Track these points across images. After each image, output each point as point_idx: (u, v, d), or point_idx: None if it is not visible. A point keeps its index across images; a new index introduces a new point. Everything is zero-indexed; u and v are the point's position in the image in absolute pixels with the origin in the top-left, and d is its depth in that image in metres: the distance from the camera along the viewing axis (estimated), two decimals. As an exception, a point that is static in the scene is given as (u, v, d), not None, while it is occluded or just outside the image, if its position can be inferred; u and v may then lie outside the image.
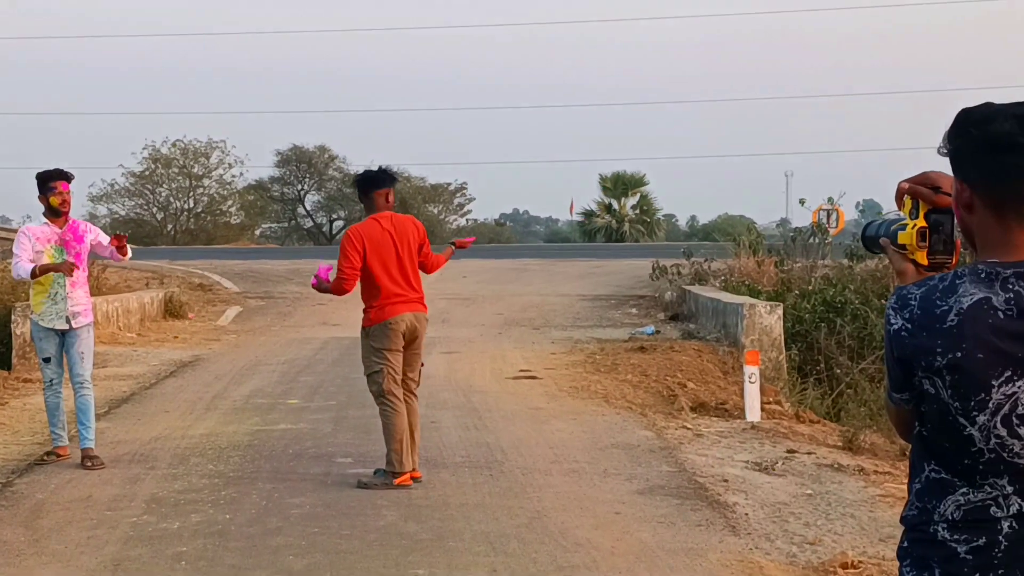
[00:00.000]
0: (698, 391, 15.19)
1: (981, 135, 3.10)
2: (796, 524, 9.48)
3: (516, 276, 30.72)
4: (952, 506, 3.15)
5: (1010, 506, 3.10)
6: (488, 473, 10.93)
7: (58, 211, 11.23)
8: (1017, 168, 3.07)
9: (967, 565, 3.12)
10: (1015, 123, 3.07)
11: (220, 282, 29.36)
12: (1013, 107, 3.10)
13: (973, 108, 3.16)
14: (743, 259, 24.59)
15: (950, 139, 3.17)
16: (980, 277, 3.09)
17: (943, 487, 3.17)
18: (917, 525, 3.24)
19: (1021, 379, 3.04)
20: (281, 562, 8.25)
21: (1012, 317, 3.04)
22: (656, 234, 63.74)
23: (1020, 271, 3.06)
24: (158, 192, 66.41)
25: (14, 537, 8.94)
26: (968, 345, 3.04)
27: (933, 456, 3.20)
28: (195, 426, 13.16)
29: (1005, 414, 3.06)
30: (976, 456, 3.10)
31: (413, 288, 10.41)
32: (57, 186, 11.20)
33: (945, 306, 3.08)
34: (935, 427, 3.17)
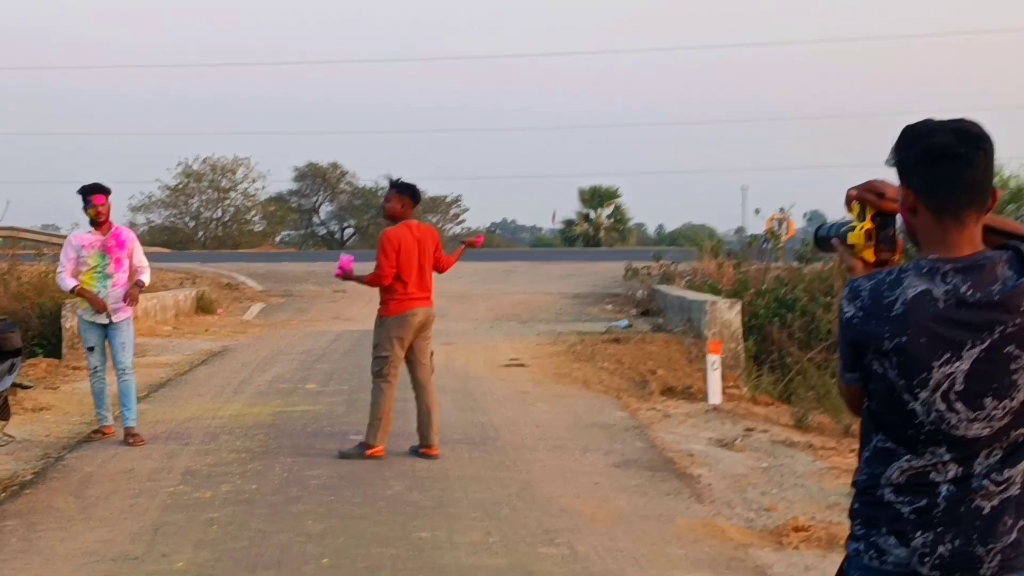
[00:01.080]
0: (667, 377, 15.15)
1: (923, 147, 3.10)
2: (754, 493, 9.47)
3: (505, 277, 30.65)
4: (897, 471, 3.15)
5: (948, 472, 3.11)
6: (483, 449, 10.89)
7: (95, 221, 11.19)
8: (954, 176, 3.07)
9: (910, 523, 3.12)
10: (952, 136, 3.07)
11: (245, 282, 29.24)
12: (950, 123, 3.10)
13: (915, 123, 3.16)
14: (706, 262, 24.54)
15: (896, 151, 3.18)
16: (923, 272, 3.09)
17: (889, 455, 3.17)
18: (866, 489, 3.24)
19: (958, 360, 3.05)
20: (301, 526, 8.21)
21: (951, 306, 3.04)
22: (628, 240, 63.60)
23: (957, 267, 3.07)
24: (190, 203, 66.19)
25: (65, 505, 8.90)
26: (912, 331, 3.05)
27: (880, 428, 3.20)
28: (224, 408, 13.10)
29: (944, 391, 3.06)
30: (918, 428, 3.11)
31: (427, 288, 10.46)
32: (92, 199, 11.16)
33: (892, 297, 3.08)
34: (882, 402, 3.17)
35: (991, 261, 3.08)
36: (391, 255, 10.27)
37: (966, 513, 3.09)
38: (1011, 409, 3.08)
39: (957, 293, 3.04)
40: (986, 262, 3.07)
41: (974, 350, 3.04)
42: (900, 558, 3.14)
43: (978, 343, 3.04)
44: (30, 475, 9.90)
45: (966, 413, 3.07)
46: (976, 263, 3.07)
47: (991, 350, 3.04)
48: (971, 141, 3.07)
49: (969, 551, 3.10)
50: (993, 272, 3.06)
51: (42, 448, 10.98)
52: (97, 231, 11.21)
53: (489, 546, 7.76)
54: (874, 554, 3.18)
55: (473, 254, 34.64)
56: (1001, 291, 3.04)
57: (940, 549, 3.10)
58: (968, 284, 3.05)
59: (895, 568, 3.15)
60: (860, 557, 3.22)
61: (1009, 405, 3.07)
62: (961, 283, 3.05)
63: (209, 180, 65.47)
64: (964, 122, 3.11)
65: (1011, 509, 3.11)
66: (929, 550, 3.10)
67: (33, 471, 10.05)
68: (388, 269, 10.26)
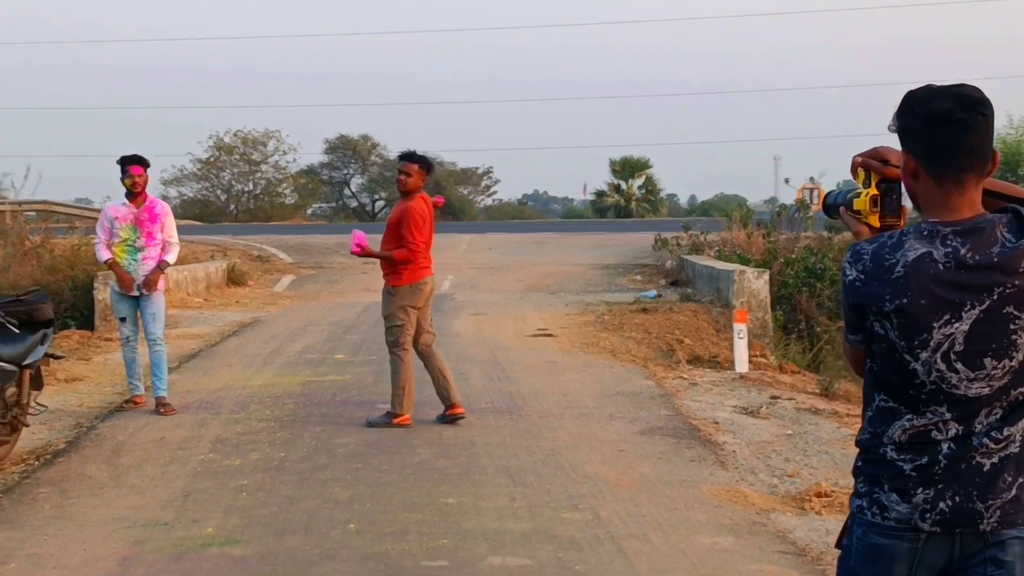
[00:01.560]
0: (694, 346, 15.21)
1: (924, 112, 3.16)
2: (777, 460, 9.54)
3: (536, 248, 30.70)
4: (899, 430, 3.22)
5: (948, 430, 3.18)
6: (509, 417, 11.00)
7: (131, 191, 11.32)
8: (954, 141, 3.13)
9: (911, 480, 3.20)
10: (952, 101, 3.14)
11: (276, 254, 29.39)
12: (950, 88, 3.16)
13: (917, 89, 3.22)
14: (735, 231, 24.55)
15: (898, 117, 3.24)
16: (923, 235, 3.16)
17: (891, 414, 3.25)
18: (869, 447, 3.32)
19: (958, 321, 3.12)
20: (329, 493, 8.34)
21: (950, 269, 3.11)
22: (659, 211, 63.40)
23: (957, 229, 3.14)
24: (221, 176, 66.32)
25: (97, 472, 9.05)
26: (913, 293, 3.12)
27: (883, 388, 3.28)
28: (254, 378, 13.24)
29: (944, 351, 3.13)
30: (919, 387, 3.18)
31: (430, 257, 10.62)
32: (130, 170, 11.28)
33: (893, 259, 3.15)
34: (884, 363, 3.25)
35: (991, 224, 3.14)
36: (421, 227, 10.40)
37: (966, 470, 3.17)
38: (1010, 369, 3.15)
39: (957, 255, 3.11)
40: (986, 225, 3.14)
41: (973, 311, 3.11)
42: (902, 514, 3.22)
43: (977, 304, 3.11)
44: (63, 444, 10.06)
45: (966, 373, 3.14)
46: (976, 226, 3.14)
47: (990, 311, 3.11)
48: (971, 106, 3.13)
49: (969, 507, 3.17)
50: (993, 235, 3.13)
51: (75, 418, 11.14)
52: (131, 203, 11.34)
53: (514, 511, 7.87)
54: (877, 510, 3.26)
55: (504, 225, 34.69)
56: (1000, 253, 3.10)
57: (941, 505, 3.18)
58: (968, 247, 3.11)
59: (897, 523, 3.23)
60: (864, 513, 3.30)
61: (1008, 365, 3.14)
62: (961, 246, 3.12)
63: (240, 153, 65.59)
64: (964, 87, 3.17)
65: (1010, 466, 3.19)
66: (930, 506, 3.19)
67: (66, 440, 10.21)
68: (421, 243, 10.40)
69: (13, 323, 9.42)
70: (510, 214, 70.94)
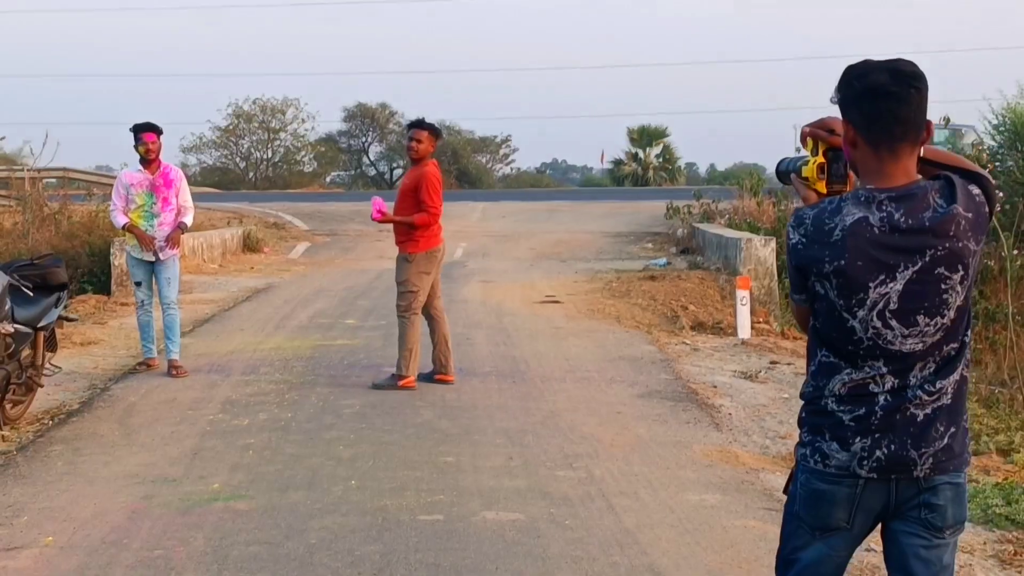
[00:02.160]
0: (698, 313, 15.42)
1: (861, 85, 3.38)
2: (771, 422, 9.76)
3: (549, 216, 30.87)
4: (839, 383, 3.46)
5: (885, 383, 3.41)
6: (511, 380, 11.24)
7: (145, 158, 11.56)
8: (888, 112, 3.35)
9: (850, 430, 3.44)
10: (887, 75, 3.35)
11: (292, 221, 29.63)
12: (887, 63, 3.38)
13: (855, 64, 3.44)
14: (746, 200, 24.72)
15: (838, 89, 3.46)
16: (860, 200, 3.38)
17: (832, 368, 3.49)
18: (812, 399, 3.56)
19: (892, 282, 3.35)
20: (332, 451, 8.60)
21: (885, 232, 3.34)
22: (677, 180, 63.23)
23: (892, 195, 3.36)
24: (240, 144, 66.46)
25: (109, 432, 9.32)
26: (850, 255, 3.35)
27: (824, 344, 3.51)
28: (265, 342, 13.51)
29: (880, 310, 3.36)
30: (857, 343, 3.41)
31: (441, 225, 10.87)
32: (143, 137, 11.52)
33: (832, 224, 3.38)
34: (825, 321, 3.48)
35: (924, 190, 3.36)
36: (440, 192, 10.68)
37: (901, 420, 3.41)
38: (942, 326, 3.38)
39: (891, 220, 3.34)
40: (919, 191, 3.36)
41: (907, 272, 3.34)
42: (841, 461, 3.46)
43: (910, 265, 3.33)
44: (77, 404, 10.33)
45: (900, 330, 3.37)
46: (909, 192, 3.36)
47: (923, 272, 3.34)
48: (904, 79, 3.35)
49: (904, 454, 3.41)
50: (926, 200, 3.35)
51: (89, 379, 11.42)
52: (146, 169, 11.58)
53: (510, 470, 8.12)
54: (819, 458, 3.51)
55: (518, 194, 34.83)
56: (932, 218, 3.33)
57: (877, 453, 3.42)
58: (902, 211, 3.34)
59: (837, 470, 3.47)
60: (807, 461, 3.55)
61: (940, 322, 3.37)
62: (895, 210, 3.34)
63: (259, 121, 65.74)
64: (900, 62, 3.39)
65: (943, 417, 3.42)
66: (867, 454, 3.42)
67: (80, 401, 10.48)
68: (440, 207, 10.67)
69: (28, 286, 9.69)
70: (528, 182, 71.06)
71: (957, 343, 3.43)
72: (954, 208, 3.32)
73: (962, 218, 3.33)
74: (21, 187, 23.57)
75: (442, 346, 10.92)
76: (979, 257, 3.41)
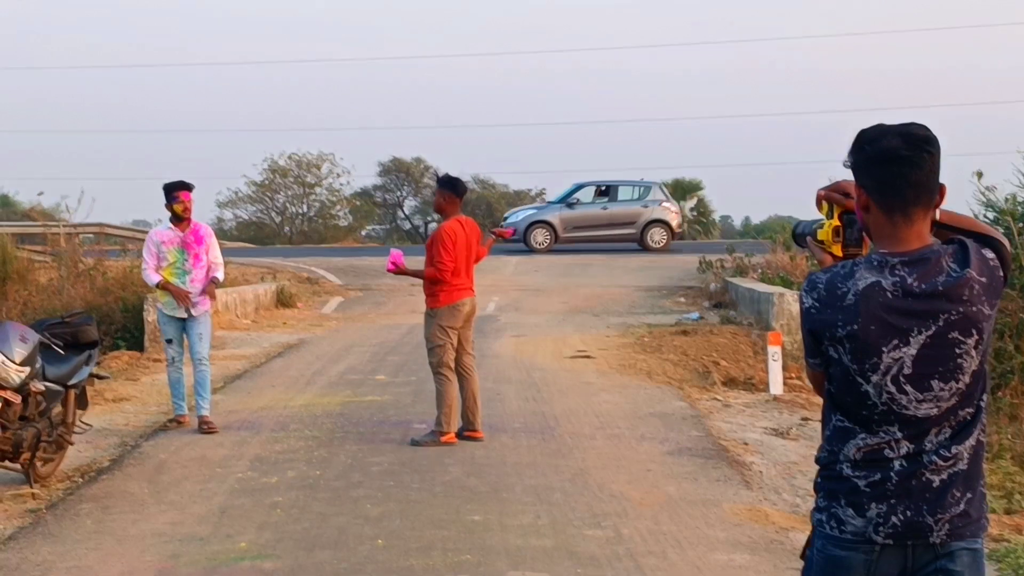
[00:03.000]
0: (730, 368, 15.40)
1: (873, 150, 3.40)
2: (802, 480, 9.71)
3: (582, 270, 30.83)
4: (853, 448, 3.46)
5: (900, 448, 3.41)
6: (541, 437, 11.24)
7: (180, 216, 11.68)
8: (901, 177, 3.37)
9: (865, 496, 3.43)
10: (900, 139, 3.37)
11: (325, 276, 29.72)
12: (899, 127, 3.40)
13: (867, 128, 3.46)
14: (779, 254, 24.70)
15: (850, 154, 3.48)
16: (873, 264, 3.40)
17: (847, 433, 3.48)
18: (827, 464, 3.55)
19: (906, 346, 3.35)
20: (360, 510, 8.61)
21: (898, 296, 3.34)
22: (712, 233, 63.22)
23: (904, 260, 3.37)
24: (276, 199, 66.81)
25: (139, 490, 9.36)
26: (863, 319, 3.35)
27: (839, 408, 3.51)
28: (296, 398, 13.55)
29: (894, 375, 3.37)
30: (872, 408, 3.41)
31: (472, 278, 10.99)
32: (179, 195, 11.65)
33: (845, 288, 3.39)
34: (839, 385, 3.48)
35: (937, 255, 3.37)
36: (451, 249, 10.69)
37: (917, 486, 3.40)
38: (957, 391, 3.38)
39: (904, 284, 3.35)
40: (932, 255, 3.37)
41: (920, 336, 3.34)
42: (857, 527, 3.45)
43: (924, 330, 3.34)
44: (107, 462, 10.40)
45: (915, 395, 3.37)
46: (923, 256, 3.37)
47: (936, 336, 3.34)
48: (917, 144, 3.37)
49: (920, 520, 3.40)
50: (939, 264, 3.36)
51: (120, 436, 11.48)
52: (177, 227, 11.71)
53: (537, 528, 8.11)
54: (834, 524, 3.50)
55: (551, 248, 34.82)
56: (945, 282, 3.34)
57: (893, 519, 3.41)
58: (915, 276, 3.35)
59: (853, 536, 3.46)
60: (823, 526, 3.54)
61: (955, 387, 3.37)
62: (908, 275, 3.35)
63: (294, 176, 66.16)
64: (912, 126, 3.40)
65: (959, 482, 3.41)
66: (883, 520, 3.42)
67: (110, 458, 10.54)
68: (449, 263, 10.70)
69: (59, 344, 9.80)
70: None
71: (972, 408, 3.42)
72: (967, 272, 3.33)
73: (976, 282, 3.34)
74: (57, 243, 23.82)
75: (471, 402, 10.96)
76: (993, 321, 3.42)
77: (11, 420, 9.03)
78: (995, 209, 18.38)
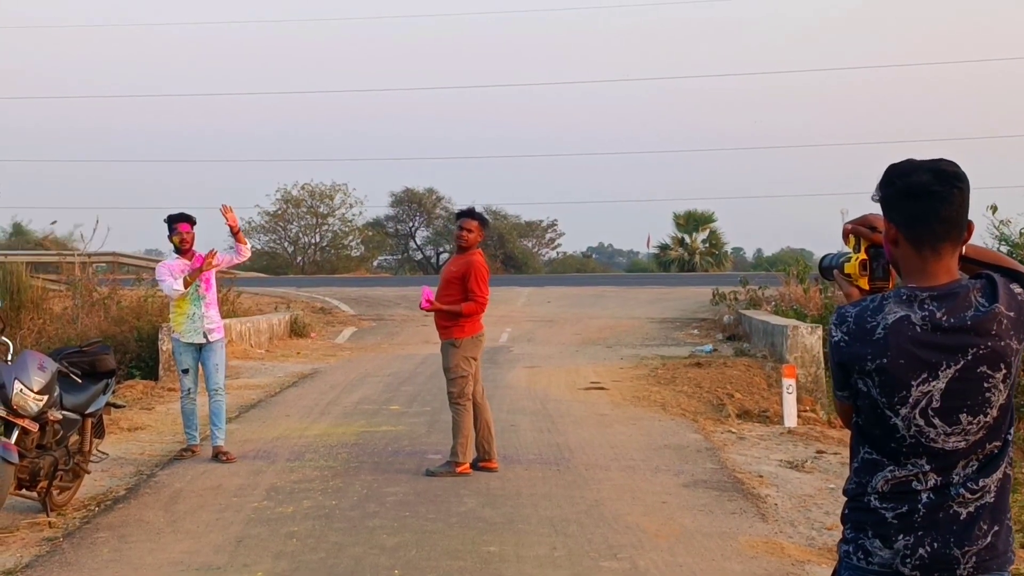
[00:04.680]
0: (744, 400, 15.37)
1: (903, 185, 3.41)
2: (818, 512, 9.68)
3: (595, 301, 30.90)
4: (881, 480, 3.45)
5: (928, 481, 3.41)
6: (556, 468, 11.22)
7: (179, 248, 11.75)
8: (931, 212, 3.38)
9: (893, 528, 3.43)
10: (930, 175, 3.38)
11: (338, 306, 29.79)
12: (929, 163, 3.41)
13: (898, 163, 3.47)
14: (792, 286, 24.68)
15: (880, 188, 3.49)
16: (902, 299, 3.40)
17: (875, 465, 3.48)
18: (855, 496, 3.55)
19: (935, 380, 3.35)
20: (376, 540, 8.59)
21: (927, 331, 3.35)
22: (724, 265, 63.31)
23: (934, 294, 3.37)
24: (289, 229, 67.05)
25: (155, 518, 9.36)
26: (892, 353, 3.36)
27: (867, 440, 3.51)
28: (311, 428, 13.55)
29: (923, 408, 3.36)
30: (900, 441, 3.41)
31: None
32: (178, 227, 11.72)
33: (874, 322, 3.40)
34: (868, 418, 3.48)
35: (965, 289, 3.38)
36: (486, 281, 10.79)
37: (944, 519, 3.39)
38: (985, 424, 3.38)
39: (933, 318, 3.35)
40: (960, 290, 3.37)
41: (949, 370, 3.34)
42: (884, 559, 3.44)
43: (953, 364, 3.34)
44: (123, 491, 10.40)
45: (943, 428, 3.37)
46: (951, 291, 3.37)
47: (965, 370, 3.34)
48: (947, 180, 3.38)
49: (947, 553, 3.39)
50: (967, 299, 3.36)
51: (136, 465, 11.49)
52: (183, 258, 11.76)
53: (553, 560, 8.09)
54: (861, 555, 3.49)
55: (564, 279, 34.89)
56: (974, 317, 3.34)
57: (920, 551, 3.40)
58: (943, 310, 3.35)
59: (880, 568, 3.46)
60: (850, 558, 3.53)
61: (983, 420, 3.37)
62: (937, 309, 3.35)
63: (307, 206, 66.36)
64: (942, 162, 3.41)
65: (986, 515, 3.40)
66: (910, 552, 3.41)
67: (126, 487, 10.54)
68: (487, 295, 10.76)
69: (76, 373, 9.82)
70: (574, 267, 71.17)
71: (1000, 441, 3.43)
72: (996, 307, 3.34)
73: (1004, 317, 3.34)
74: (72, 271, 23.88)
75: (485, 432, 10.96)
76: (1021, 356, 3.42)
77: (29, 448, 9.04)
78: (1009, 243, 18.39)
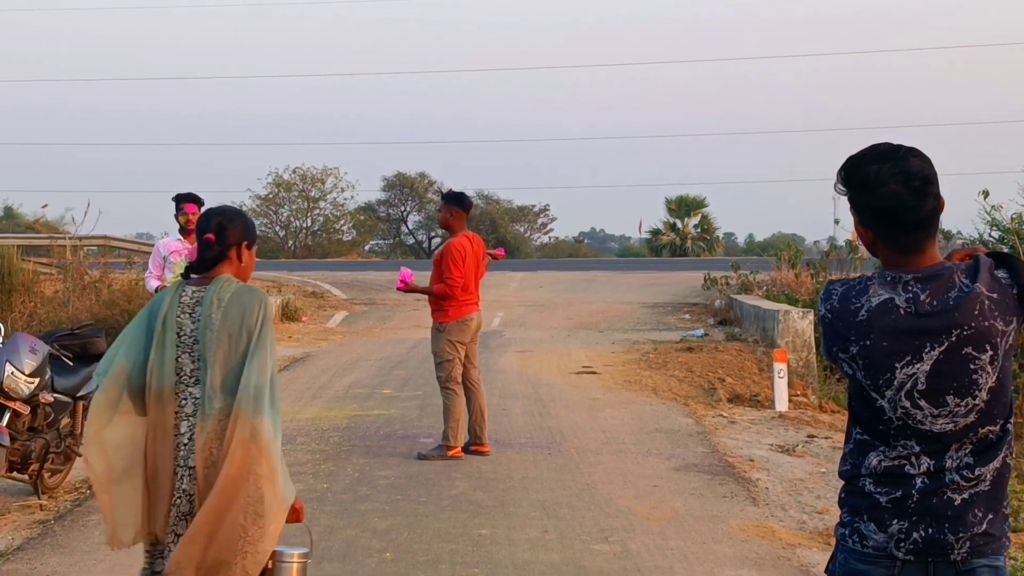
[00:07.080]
0: (735, 385, 15.38)
1: (875, 200, 3.42)
2: (809, 496, 9.71)
3: (586, 286, 30.88)
4: (874, 460, 3.47)
5: (920, 464, 3.42)
6: (547, 452, 11.24)
7: (184, 228, 11.69)
8: (907, 222, 3.40)
9: (887, 512, 3.44)
10: (901, 185, 3.40)
11: (330, 290, 29.74)
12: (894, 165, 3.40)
13: (858, 162, 3.46)
14: (784, 271, 24.67)
15: (847, 190, 3.49)
16: (887, 281, 3.41)
17: (866, 447, 3.50)
18: (850, 479, 3.56)
19: (919, 362, 3.36)
20: (367, 523, 8.61)
21: (911, 313, 3.36)
22: (715, 250, 63.33)
23: (918, 276, 3.39)
24: (280, 213, 66.86)
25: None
26: (875, 335, 3.38)
27: (858, 422, 3.53)
28: (303, 412, 13.55)
29: (908, 390, 3.38)
30: (887, 423, 3.42)
31: (478, 293, 11.01)
32: (185, 207, 11.66)
33: (858, 303, 3.41)
34: (856, 399, 3.51)
35: (949, 271, 3.39)
36: (460, 265, 10.72)
37: (938, 504, 3.40)
38: (974, 407, 3.38)
39: (916, 300, 3.36)
40: (944, 272, 3.38)
41: (933, 352, 3.35)
42: (879, 543, 3.46)
43: (937, 346, 3.35)
44: (115, 473, 10.37)
45: (930, 410, 3.38)
46: (935, 273, 3.38)
47: (949, 352, 3.35)
48: (919, 190, 3.38)
49: (940, 538, 3.40)
50: (951, 280, 3.37)
51: (127, 448, 11.45)
52: (185, 239, 11.71)
53: (545, 543, 8.10)
54: (857, 538, 3.51)
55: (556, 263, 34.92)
56: (957, 298, 3.34)
57: (914, 535, 3.41)
58: (927, 292, 3.36)
59: (875, 551, 3.47)
60: (846, 541, 3.55)
61: (971, 403, 3.37)
62: (921, 291, 3.36)
63: (299, 190, 66.22)
64: (908, 162, 3.39)
65: (981, 503, 3.41)
66: (904, 536, 3.42)
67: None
68: (459, 279, 10.72)
69: (68, 356, 9.81)
70: (566, 252, 71.17)
71: (996, 427, 3.41)
72: (977, 287, 3.33)
73: (986, 298, 3.34)
74: (63, 255, 23.80)
75: (478, 416, 10.96)
76: (1011, 338, 3.41)
77: (20, 431, 9.04)
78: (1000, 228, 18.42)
